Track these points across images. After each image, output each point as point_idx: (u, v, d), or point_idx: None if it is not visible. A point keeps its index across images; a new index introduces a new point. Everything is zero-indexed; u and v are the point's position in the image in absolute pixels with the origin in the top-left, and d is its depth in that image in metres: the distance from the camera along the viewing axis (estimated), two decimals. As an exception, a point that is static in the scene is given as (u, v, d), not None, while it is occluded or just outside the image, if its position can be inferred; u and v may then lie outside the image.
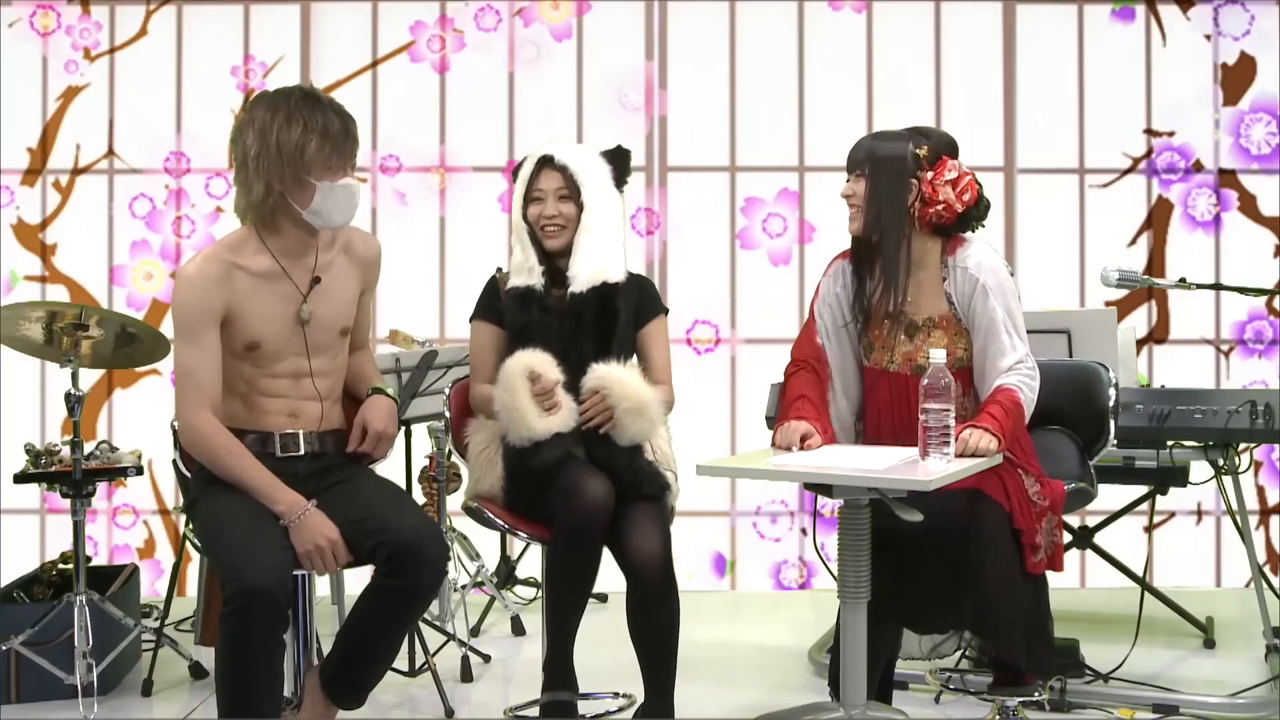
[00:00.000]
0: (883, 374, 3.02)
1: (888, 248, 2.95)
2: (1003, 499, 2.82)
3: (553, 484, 3.06)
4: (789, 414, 2.97)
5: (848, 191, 2.99)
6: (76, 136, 5.11)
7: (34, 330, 3.55)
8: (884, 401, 3.02)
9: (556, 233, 3.23)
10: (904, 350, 3.00)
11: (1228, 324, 5.06)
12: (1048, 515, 2.89)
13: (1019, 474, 2.89)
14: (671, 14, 5.12)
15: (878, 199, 2.93)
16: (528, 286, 3.23)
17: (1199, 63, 5.07)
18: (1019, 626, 2.81)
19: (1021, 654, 2.85)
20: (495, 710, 3.58)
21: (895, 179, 2.93)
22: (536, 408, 3.07)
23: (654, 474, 3.15)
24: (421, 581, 2.72)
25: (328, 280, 2.86)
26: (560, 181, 3.23)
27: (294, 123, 2.73)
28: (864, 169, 2.95)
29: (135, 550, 5.08)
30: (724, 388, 5.12)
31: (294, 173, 2.73)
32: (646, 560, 3.00)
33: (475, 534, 4.28)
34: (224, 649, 2.58)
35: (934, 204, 2.92)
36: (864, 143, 3.03)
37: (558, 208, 3.23)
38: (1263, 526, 5.00)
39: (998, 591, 2.77)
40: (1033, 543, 2.83)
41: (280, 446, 2.83)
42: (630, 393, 3.10)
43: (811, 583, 5.10)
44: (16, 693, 3.62)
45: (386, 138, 5.13)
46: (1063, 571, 3.00)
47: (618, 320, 3.23)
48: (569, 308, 3.22)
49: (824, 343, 3.08)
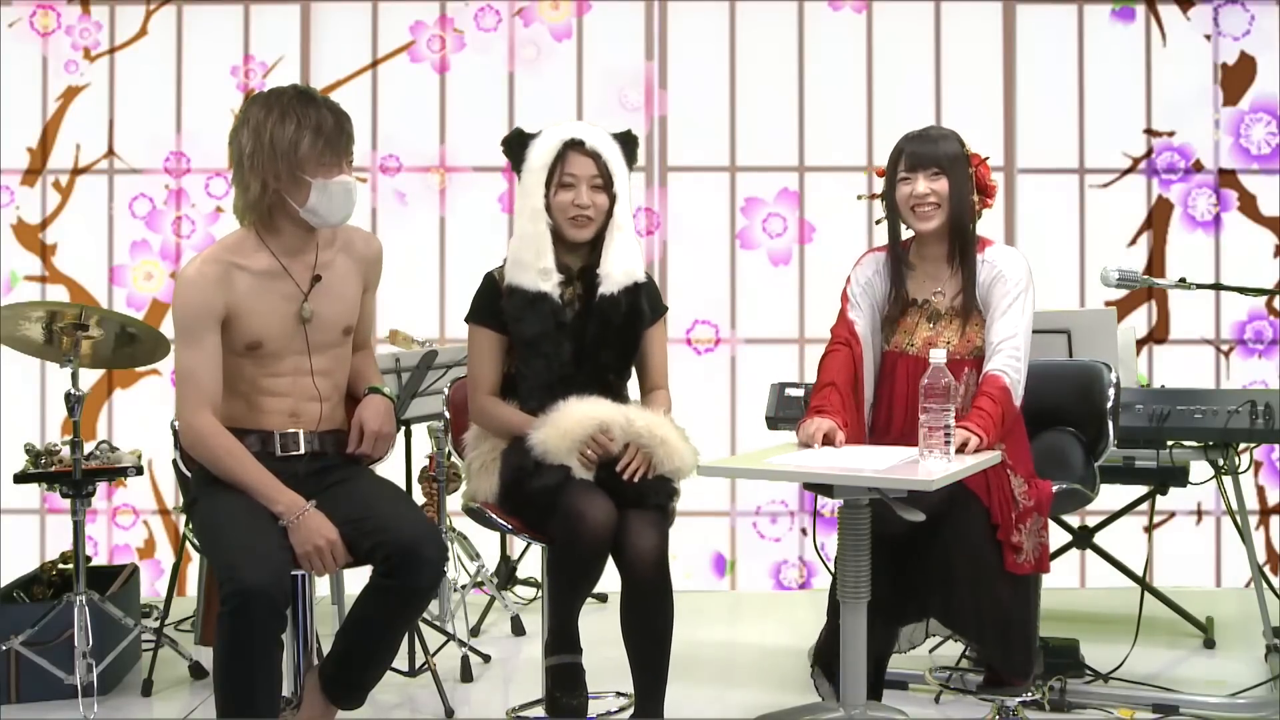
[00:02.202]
0: (901, 356, 3.07)
1: (966, 241, 3.05)
2: (984, 495, 2.84)
3: (552, 506, 2.92)
4: (814, 404, 3.02)
5: (925, 190, 3.01)
6: (76, 136, 5.11)
7: (34, 330, 3.55)
8: (899, 385, 3.05)
9: (587, 224, 3.04)
10: (925, 335, 3.06)
11: (1228, 324, 5.06)
12: (1033, 516, 2.88)
13: (1006, 473, 2.90)
14: (671, 14, 5.12)
15: (958, 195, 3.02)
16: (540, 292, 3.02)
17: (1199, 63, 5.07)
18: (991, 625, 2.82)
19: (997, 653, 2.85)
20: (495, 710, 3.58)
21: (965, 176, 3.04)
22: (577, 453, 2.90)
23: (659, 484, 2.99)
24: (420, 582, 2.72)
25: (329, 279, 2.86)
26: (594, 169, 3.03)
27: (287, 120, 2.73)
28: (941, 166, 3.02)
29: (135, 550, 5.08)
30: (724, 388, 5.12)
31: (289, 170, 2.73)
32: (642, 558, 2.90)
33: (475, 534, 4.28)
34: (222, 649, 2.58)
35: (990, 195, 3.09)
36: (922, 143, 3.06)
37: (591, 197, 3.03)
38: (1263, 526, 5.00)
39: (969, 587, 2.81)
40: (1010, 541, 2.83)
41: (280, 446, 2.83)
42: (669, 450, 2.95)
43: (811, 583, 5.10)
44: (16, 693, 3.62)
45: (386, 138, 5.13)
46: (1049, 572, 2.99)
47: (643, 321, 3.11)
48: (593, 311, 3.05)
49: (857, 317, 3.12)
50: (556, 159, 3.05)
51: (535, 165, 3.07)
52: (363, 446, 2.92)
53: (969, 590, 2.82)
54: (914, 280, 3.12)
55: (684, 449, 2.99)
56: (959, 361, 3.00)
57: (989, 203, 3.12)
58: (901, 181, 3.05)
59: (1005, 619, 2.84)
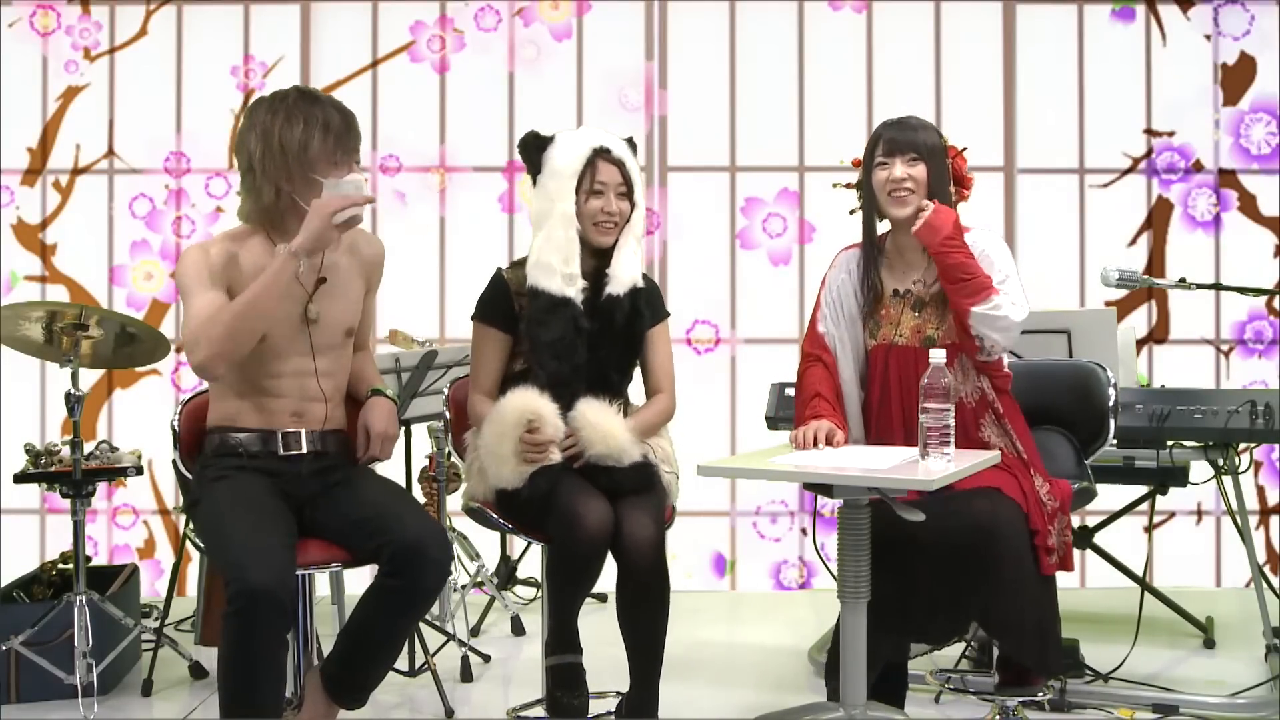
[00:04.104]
0: (890, 348, 3.03)
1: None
2: (1020, 499, 2.83)
3: (548, 510, 2.92)
4: (806, 413, 2.99)
5: (902, 174, 2.99)
6: (76, 136, 5.11)
7: (34, 330, 3.55)
8: (893, 377, 3.02)
9: (613, 230, 3.09)
10: (911, 324, 3.03)
11: (1228, 324, 5.06)
12: (1059, 516, 2.89)
13: (1031, 474, 2.90)
14: (671, 14, 5.12)
15: (936, 182, 3.00)
16: (564, 297, 3.04)
17: (1199, 63, 5.08)
18: (1031, 627, 2.81)
19: (1034, 655, 2.85)
20: (495, 710, 3.58)
21: (943, 166, 3.03)
22: (518, 457, 2.94)
23: (638, 469, 3.00)
24: (424, 582, 2.71)
25: (334, 280, 2.86)
26: (620, 177, 3.09)
27: (294, 121, 2.74)
28: (919, 152, 3.00)
29: (135, 550, 5.08)
30: (724, 388, 5.12)
31: (301, 171, 2.74)
32: (639, 546, 2.90)
33: (475, 534, 4.29)
34: (226, 649, 2.58)
35: (967, 187, 3.07)
36: (901, 129, 3.04)
37: (618, 205, 3.09)
38: (1263, 526, 5.01)
39: (1013, 591, 2.77)
40: (1046, 544, 2.83)
41: (283, 445, 2.83)
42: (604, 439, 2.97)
43: (811, 583, 5.10)
44: (16, 693, 3.62)
45: (386, 138, 5.13)
46: (1072, 570, 2.99)
47: (643, 321, 3.14)
48: (599, 310, 3.08)
49: (826, 330, 3.09)
50: (587, 166, 3.07)
51: (564, 171, 3.08)
52: (370, 449, 2.93)
53: (1017, 595, 2.78)
54: (893, 271, 3.10)
55: (621, 437, 2.98)
56: (947, 348, 2.96)
57: (965, 195, 3.10)
58: (879, 166, 3.03)
59: (1042, 620, 2.84)
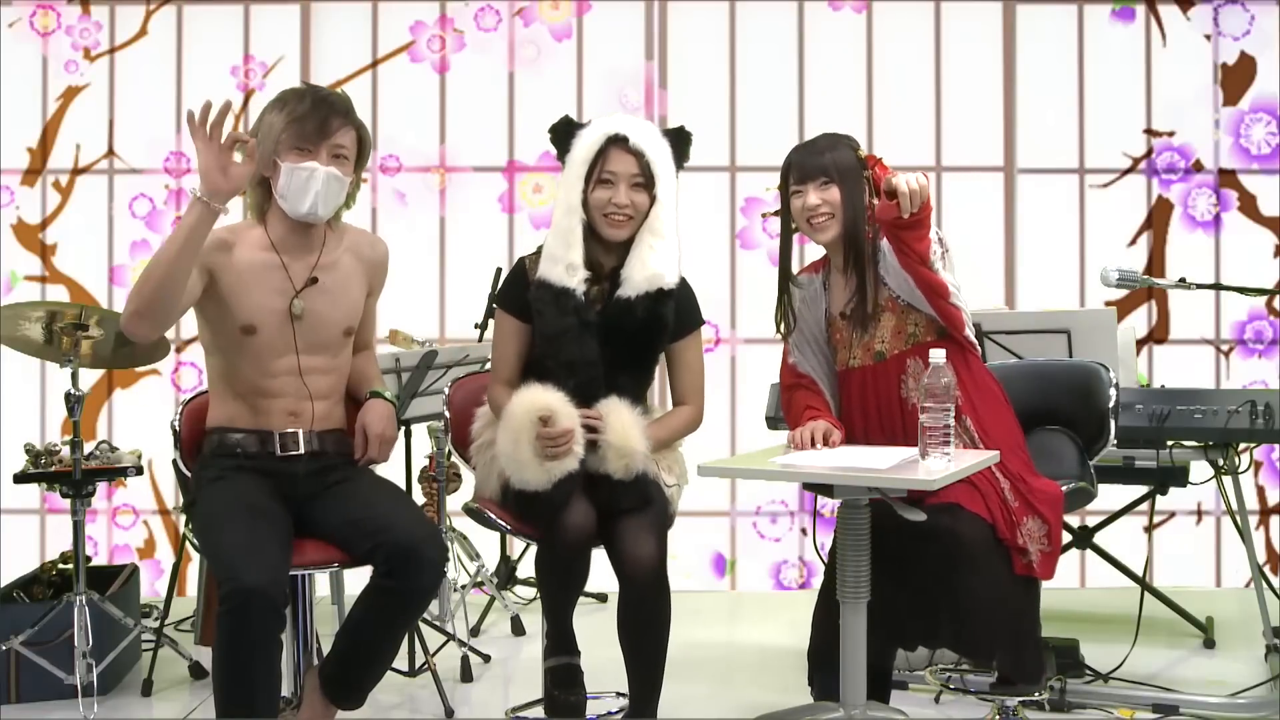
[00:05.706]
0: (851, 373, 3.02)
1: (867, 248, 2.94)
2: (983, 511, 2.77)
3: (534, 508, 2.89)
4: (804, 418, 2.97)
5: (816, 201, 2.93)
6: (76, 136, 5.11)
7: (34, 330, 3.55)
8: (854, 399, 3.01)
9: (624, 223, 2.96)
10: (862, 342, 2.99)
11: (1228, 324, 5.06)
12: (1030, 516, 2.84)
13: (995, 477, 2.84)
14: (671, 14, 5.12)
15: (850, 202, 2.92)
16: (564, 287, 2.95)
17: (1199, 63, 5.08)
18: (1002, 639, 2.77)
19: (1007, 664, 2.83)
20: (495, 710, 3.58)
21: (858, 182, 2.93)
22: (538, 456, 2.83)
23: (635, 485, 2.93)
24: (420, 583, 2.72)
25: (330, 280, 2.86)
26: (636, 168, 2.96)
27: (277, 109, 2.79)
28: (829, 175, 2.93)
29: (135, 550, 5.08)
30: (724, 388, 5.12)
31: (271, 155, 2.77)
32: (640, 564, 2.87)
33: (475, 534, 4.28)
34: (221, 649, 2.58)
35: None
36: (809, 153, 2.98)
37: (630, 196, 2.96)
38: (1263, 526, 5.00)
39: (978, 608, 2.73)
40: (1016, 544, 2.79)
41: (280, 445, 2.84)
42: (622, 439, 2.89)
43: (811, 583, 5.10)
44: (16, 693, 3.62)
45: (386, 138, 5.13)
46: (1051, 579, 2.89)
47: (665, 330, 3.03)
48: (610, 311, 2.99)
49: (797, 360, 3.09)
50: (598, 154, 2.97)
51: (576, 159, 2.98)
52: (368, 451, 2.93)
53: (981, 612, 2.74)
54: (833, 293, 3.06)
55: (637, 447, 2.90)
56: (901, 355, 2.94)
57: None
58: (794, 195, 2.98)
59: (1016, 629, 2.80)
